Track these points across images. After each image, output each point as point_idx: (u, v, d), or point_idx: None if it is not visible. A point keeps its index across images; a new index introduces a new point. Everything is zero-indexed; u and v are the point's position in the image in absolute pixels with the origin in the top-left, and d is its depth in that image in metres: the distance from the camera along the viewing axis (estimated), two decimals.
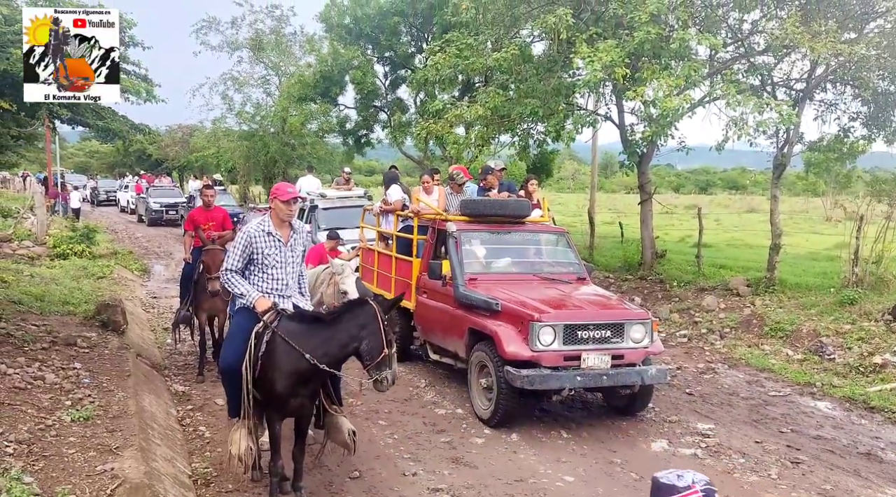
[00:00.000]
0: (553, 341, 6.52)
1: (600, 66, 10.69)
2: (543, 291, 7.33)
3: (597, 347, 6.65)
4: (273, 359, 4.77)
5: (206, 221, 8.50)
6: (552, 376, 6.46)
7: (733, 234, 22.07)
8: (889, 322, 9.36)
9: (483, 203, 8.37)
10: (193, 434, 6.50)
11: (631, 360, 6.78)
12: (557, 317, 6.59)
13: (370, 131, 24.06)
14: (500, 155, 19.74)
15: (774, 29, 10.82)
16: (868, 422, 7.20)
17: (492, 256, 8.05)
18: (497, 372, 6.60)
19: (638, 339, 6.79)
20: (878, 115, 12.17)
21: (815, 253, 16.09)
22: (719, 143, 11.67)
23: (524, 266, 8.05)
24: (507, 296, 7.00)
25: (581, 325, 6.64)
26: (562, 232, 8.68)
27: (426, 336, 8.42)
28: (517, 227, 8.33)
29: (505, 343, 6.54)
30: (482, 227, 8.15)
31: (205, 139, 29.38)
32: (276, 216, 5.02)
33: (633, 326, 6.79)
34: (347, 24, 21.31)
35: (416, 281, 8.44)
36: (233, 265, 4.98)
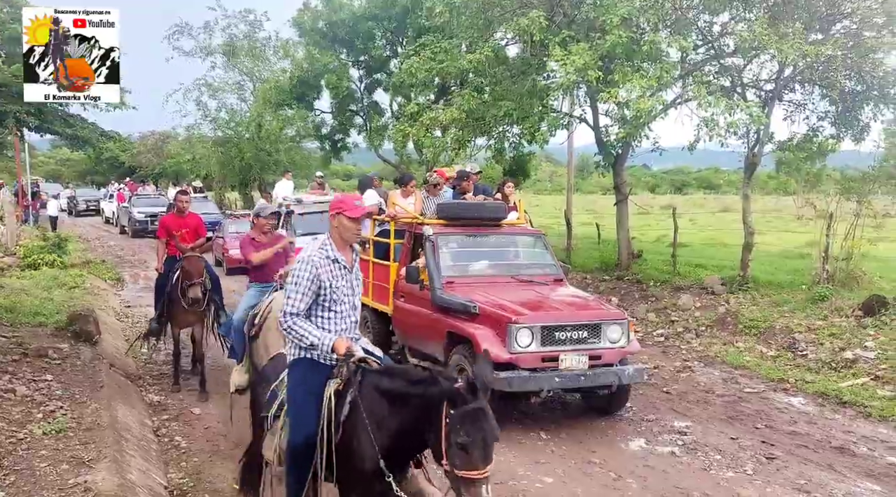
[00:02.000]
0: (531, 343, 6.55)
1: (573, 68, 10.78)
2: (521, 293, 7.35)
3: (574, 348, 6.69)
4: (360, 428, 3.65)
5: (180, 228, 8.20)
6: (531, 378, 6.49)
7: (708, 233, 22.34)
8: (859, 318, 9.54)
9: (459, 206, 8.43)
10: (169, 444, 6.43)
11: (608, 361, 6.83)
12: (535, 318, 6.63)
13: (346, 135, 23.99)
14: (476, 158, 19.78)
15: (743, 31, 10.97)
16: (840, 416, 7.32)
17: (469, 259, 8.08)
18: (476, 375, 6.63)
19: (615, 339, 6.85)
20: (846, 115, 12.38)
21: (787, 251, 16.33)
22: (691, 144, 11.82)
23: (501, 268, 8.06)
24: (484, 298, 7.02)
25: (558, 326, 6.69)
26: (538, 234, 8.72)
27: (404, 340, 8.39)
28: (494, 229, 8.36)
29: (483, 345, 6.53)
30: (459, 230, 8.17)
31: (179, 146, 29.06)
32: (338, 236, 3.97)
33: (609, 327, 6.85)
34: (321, 28, 21.24)
35: (394, 285, 8.44)
36: (296, 307, 3.83)
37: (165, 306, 8.08)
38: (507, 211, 8.69)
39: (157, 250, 8.70)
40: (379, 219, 9.31)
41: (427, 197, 9.14)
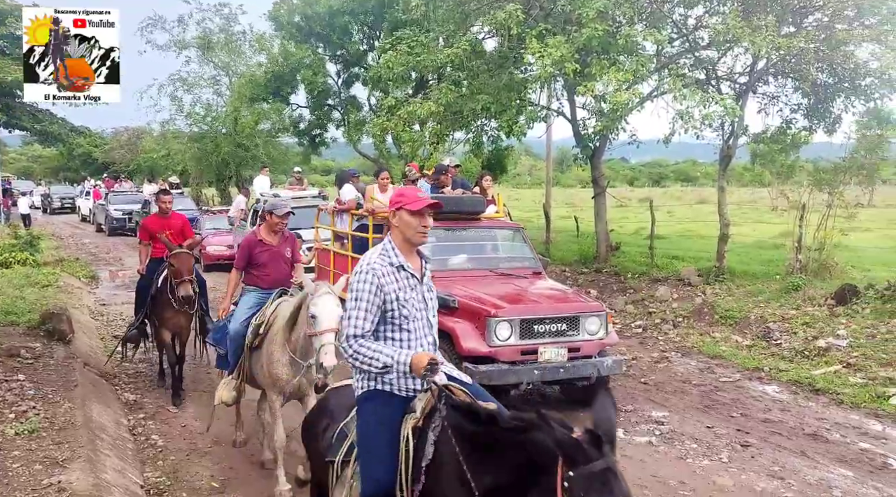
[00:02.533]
0: (510, 336, 6.55)
1: (550, 61, 10.81)
2: (499, 287, 7.34)
3: (553, 341, 6.72)
4: (446, 473, 2.92)
5: (163, 229, 7.68)
6: (510, 371, 6.48)
7: (685, 225, 22.56)
8: (832, 307, 9.69)
9: (438, 199, 8.40)
10: (146, 443, 6.36)
11: (587, 353, 6.86)
12: (514, 311, 6.63)
13: (325, 130, 23.87)
14: (454, 152, 19.79)
15: (717, 24, 11.08)
16: (814, 404, 7.44)
17: (447, 253, 8.08)
18: None
19: (593, 331, 6.89)
20: (818, 107, 12.56)
21: (762, 242, 16.54)
22: (667, 137, 11.92)
23: (480, 262, 8.05)
24: (463, 292, 7.00)
25: (537, 319, 6.69)
26: (517, 227, 8.71)
27: None
28: (472, 223, 8.33)
29: (462, 339, 6.52)
30: (437, 223, 8.16)
31: (153, 141, 28.66)
32: (401, 238, 3.26)
33: (588, 319, 6.88)
34: (297, 22, 21.09)
35: None
36: (360, 327, 3.13)
37: (150, 309, 7.65)
38: (486, 204, 8.69)
39: (140, 253, 8.16)
40: (357, 213, 9.28)
41: None
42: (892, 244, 14.55)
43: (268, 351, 5.34)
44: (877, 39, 10.69)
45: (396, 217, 3.26)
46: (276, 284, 5.91)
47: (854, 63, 11.11)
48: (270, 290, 5.86)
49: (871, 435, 6.56)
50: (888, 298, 9.28)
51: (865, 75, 11.35)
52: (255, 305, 5.76)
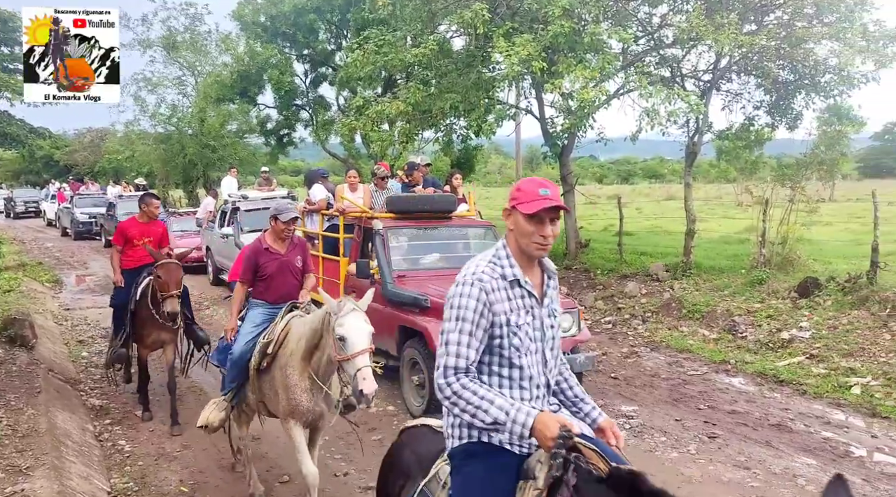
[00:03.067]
0: None
1: (518, 59, 10.85)
2: None
3: None
4: None
5: (142, 237, 7.07)
6: None
7: (653, 221, 22.82)
8: (795, 299, 9.90)
9: (409, 199, 8.34)
10: (112, 449, 6.26)
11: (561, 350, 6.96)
12: None
13: (293, 130, 23.68)
14: (424, 151, 19.77)
15: (681, 22, 11.24)
16: (778, 395, 7.60)
17: (419, 252, 8.05)
18: (429, 368, 6.56)
19: (566, 328, 6.91)
20: (780, 104, 12.80)
21: (728, 236, 16.82)
22: (634, 134, 12.05)
23: (452, 261, 8.04)
24: (436, 291, 6.98)
25: None
26: (488, 225, 8.76)
27: None
28: (444, 222, 8.34)
29: (436, 339, 6.59)
30: (409, 223, 8.11)
31: (118, 143, 28.11)
32: (515, 245, 2.58)
33: (560, 316, 6.95)
34: (263, 21, 20.89)
35: (345, 280, 8.34)
36: (465, 356, 2.45)
37: (129, 326, 6.98)
38: (457, 203, 8.72)
39: (112, 260, 7.39)
40: (327, 213, 9.18)
41: (375, 190, 9.05)
42: (852, 237, 14.90)
43: (283, 375, 4.74)
44: (835, 37, 10.93)
45: (511, 218, 2.56)
46: (285, 298, 5.28)
47: (813, 60, 11.36)
48: (278, 304, 5.25)
49: (833, 424, 6.72)
50: (848, 290, 9.51)
51: (825, 72, 11.60)
52: (262, 322, 5.16)
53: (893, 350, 8.01)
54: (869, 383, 7.45)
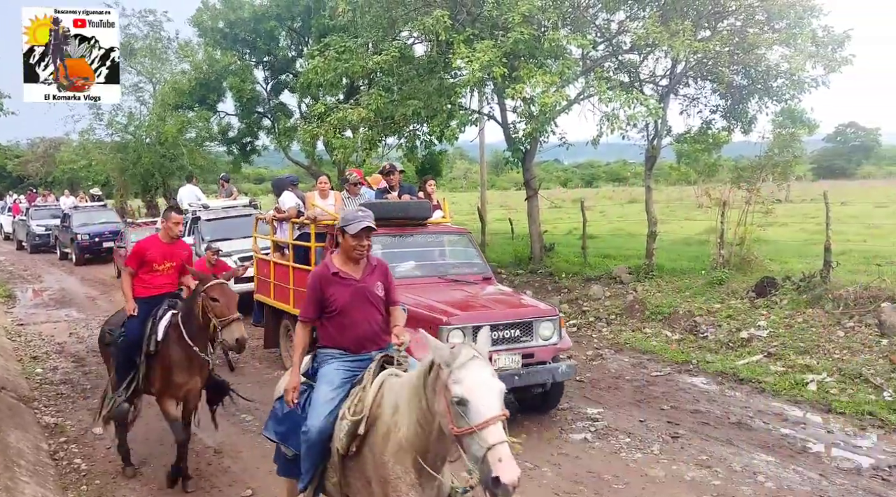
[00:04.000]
0: None
1: (479, 65, 10.91)
2: (450, 293, 7.21)
3: (507, 347, 6.57)
4: None
5: (164, 260, 5.89)
6: None
7: (616, 224, 23.12)
8: (752, 299, 10.11)
9: (383, 206, 8.07)
10: (68, 467, 6.09)
11: (541, 358, 6.74)
12: (466, 318, 6.46)
13: (255, 138, 23.40)
14: (388, 157, 19.71)
15: (638, 29, 11.42)
16: (738, 393, 7.74)
17: (395, 260, 7.73)
18: None
19: (547, 336, 6.76)
20: (735, 108, 13.12)
21: (689, 238, 17.11)
22: (595, 138, 12.20)
23: (428, 269, 7.87)
24: (413, 300, 6.74)
25: (490, 325, 6.31)
26: (464, 232, 8.62)
27: None
28: (419, 229, 8.14)
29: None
30: (383, 230, 7.86)
31: (73, 152, 27.40)
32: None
33: (541, 324, 6.75)
34: (222, 28, 20.63)
35: None
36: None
37: (144, 369, 5.68)
38: (433, 210, 8.52)
39: (123, 285, 6.05)
40: (298, 221, 8.96)
41: (348, 197, 8.86)
42: (807, 237, 15.28)
43: (377, 463, 3.43)
44: (786, 43, 11.24)
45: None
46: (369, 342, 3.97)
47: (766, 65, 11.66)
48: (361, 354, 3.92)
49: (791, 421, 6.86)
50: (803, 289, 9.74)
51: (776, 77, 11.91)
52: (343, 384, 3.80)
53: (847, 347, 8.23)
54: (824, 380, 7.63)
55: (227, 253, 12.12)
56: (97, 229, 20.80)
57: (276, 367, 8.86)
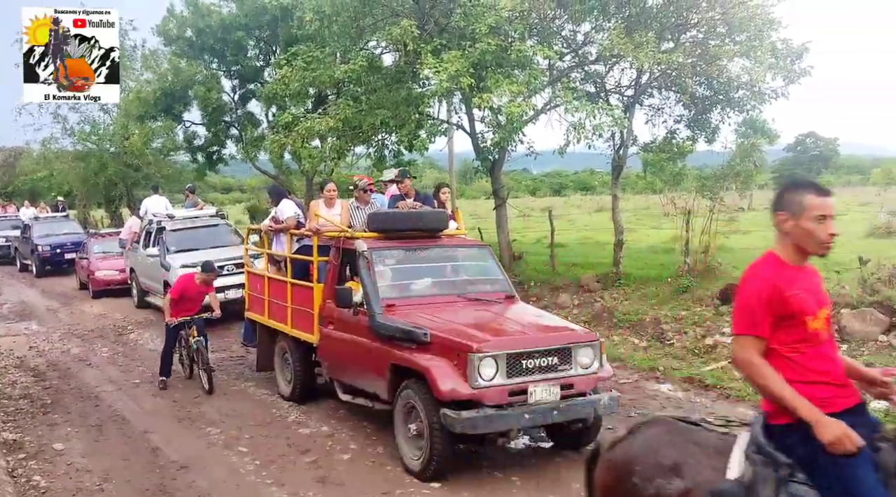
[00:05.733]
0: (496, 374, 5.53)
1: (447, 76, 10.97)
2: (474, 315, 6.49)
3: (544, 378, 5.74)
4: None
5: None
6: (497, 417, 5.48)
7: (584, 232, 23.32)
8: (717, 306, 10.28)
9: (395, 216, 7.33)
10: (27, 485, 5.91)
11: (581, 389, 5.91)
12: (499, 345, 5.65)
13: (222, 147, 23.15)
14: (357, 166, 19.66)
15: (603, 40, 11.61)
16: (704, 399, 7.85)
17: (409, 277, 7.06)
18: (430, 415, 5.57)
19: (587, 364, 5.95)
20: (698, 118, 13.40)
21: (655, 246, 17.33)
22: (562, 147, 12.35)
23: (446, 286, 7.08)
24: (434, 323, 6.02)
25: (526, 352, 5.72)
26: (483, 245, 7.89)
27: (335, 374, 7.25)
28: (434, 241, 7.34)
29: (440, 381, 5.45)
30: (395, 243, 7.10)
31: (34, 162, 26.80)
32: None
33: (580, 350, 5.93)
34: (189, 37, 20.41)
35: (320, 310, 7.28)
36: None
37: None
38: (448, 220, 7.70)
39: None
40: (298, 233, 8.16)
41: (357, 206, 8.08)
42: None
43: None
44: (746, 54, 11.51)
45: None
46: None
47: (727, 77, 11.93)
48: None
49: None
50: None
51: (738, 88, 12.20)
52: None
53: None
54: None
55: (192, 264, 11.92)
56: (59, 240, 20.38)
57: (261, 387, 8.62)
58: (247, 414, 7.68)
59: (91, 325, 13.15)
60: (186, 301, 8.74)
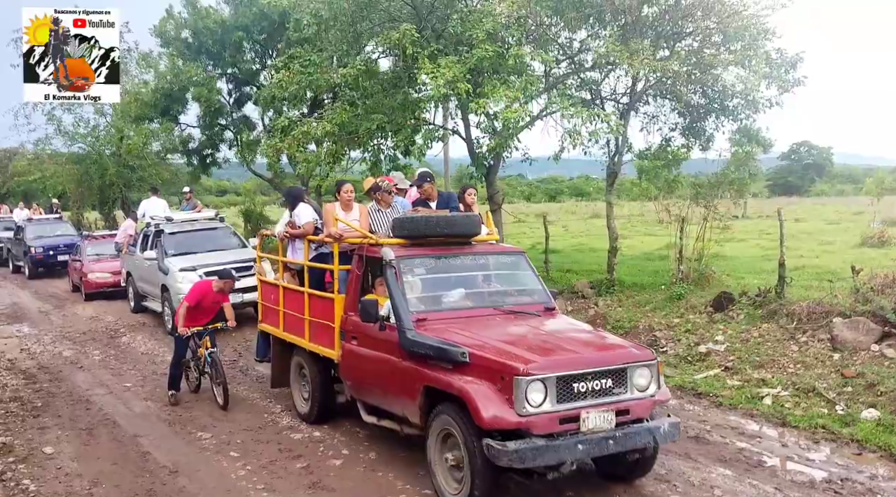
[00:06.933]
0: (545, 399, 4.94)
1: (444, 80, 10.98)
2: (515, 331, 5.87)
3: (597, 402, 5.13)
4: None
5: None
6: (548, 448, 4.85)
7: (579, 239, 23.37)
8: (710, 314, 10.29)
9: (423, 220, 6.58)
10: (16, 489, 5.89)
11: (638, 415, 5.30)
12: (549, 366, 5.02)
13: (216, 150, 23.10)
14: (352, 171, 19.68)
15: (599, 47, 11.64)
16: (696, 407, 7.86)
17: (440, 288, 6.41)
18: (471, 445, 5.00)
19: (643, 386, 5.36)
20: (693, 126, 13.44)
21: (649, 253, 17.37)
22: (556, 154, 12.37)
23: (481, 298, 6.47)
24: (473, 340, 5.41)
25: (578, 374, 5.09)
26: (519, 252, 7.15)
27: (358, 394, 6.68)
28: (465, 248, 6.70)
29: (482, 407, 4.87)
30: (424, 250, 6.49)
31: (27, 163, 26.69)
32: None
33: (637, 370, 5.33)
34: (186, 38, 20.40)
35: (341, 323, 6.68)
36: None
37: None
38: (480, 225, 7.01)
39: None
40: (317, 240, 7.46)
41: (378, 210, 7.40)
42: (762, 253, 15.64)
43: None
44: (741, 64, 11.55)
45: None
46: None
47: (722, 85, 11.98)
48: None
49: (747, 434, 6.99)
50: (759, 304, 9.95)
51: (732, 97, 12.24)
52: None
53: (800, 361, 8.42)
54: (779, 394, 7.80)
55: (191, 267, 11.82)
56: (52, 242, 20.35)
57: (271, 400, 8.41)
58: (238, 418, 7.66)
59: (83, 327, 13.09)
60: (199, 310, 8.32)
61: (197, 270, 11.59)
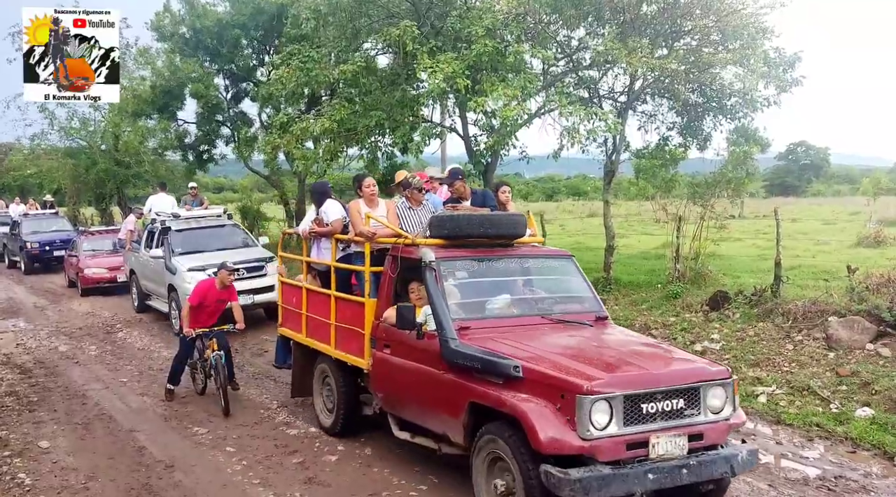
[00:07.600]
0: (610, 421, 4.39)
1: (442, 77, 10.97)
2: (570, 342, 5.34)
3: (667, 425, 4.57)
4: None
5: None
6: (615, 477, 4.30)
7: (576, 238, 23.38)
8: (707, 312, 10.32)
9: (465, 219, 6.01)
10: (11, 483, 5.90)
11: (712, 441, 4.74)
12: (615, 383, 4.46)
13: (213, 147, 23.05)
14: (349, 168, 19.63)
15: (597, 45, 11.65)
16: None
17: (484, 293, 5.89)
18: (526, 472, 4.44)
19: (717, 407, 4.77)
20: (691, 125, 13.46)
21: (646, 252, 17.39)
22: (555, 152, 12.38)
23: (527, 305, 5.97)
24: (525, 352, 4.87)
25: (646, 393, 4.53)
26: (566, 255, 6.58)
27: (391, 407, 6.13)
28: (508, 251, 6.18)
29: (539, 428, 4.32)
30: (464, 251, 5.97)
31: (23, 158, 26.61)
32: None
33: (710, 390, 4.74)
34: (184, 34, 20.34)
35: (372, 330, 6.18)
36: None
37: None
38: None
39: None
40: (346, 238, 6.94)
41: (409, 207, 6.91)
42: (759, 252, 15.68)
43: None
44: (739, 63, 11.56)
45: None
46: None
47: (720, 84, 12.00)
48: None
49: (742, 432, 6.97)
50: (754, 303, 9.98)
51: (730, 96, 12.27)
52: None
53: (795, 360, 8.45)
54: (774, 392, 7.83)
55: (200, 267, 11.46)
56: (48, 237, 20.32)
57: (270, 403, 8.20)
58: (234, 414, 7.66)
59: (79, 322, 13.08)
60: (203, 310, 8.10)
61: (206, 271, 11.01)
